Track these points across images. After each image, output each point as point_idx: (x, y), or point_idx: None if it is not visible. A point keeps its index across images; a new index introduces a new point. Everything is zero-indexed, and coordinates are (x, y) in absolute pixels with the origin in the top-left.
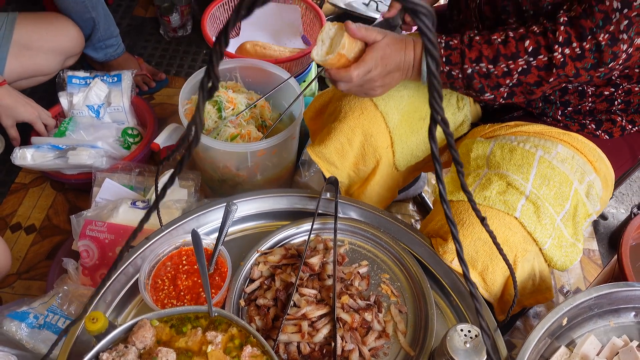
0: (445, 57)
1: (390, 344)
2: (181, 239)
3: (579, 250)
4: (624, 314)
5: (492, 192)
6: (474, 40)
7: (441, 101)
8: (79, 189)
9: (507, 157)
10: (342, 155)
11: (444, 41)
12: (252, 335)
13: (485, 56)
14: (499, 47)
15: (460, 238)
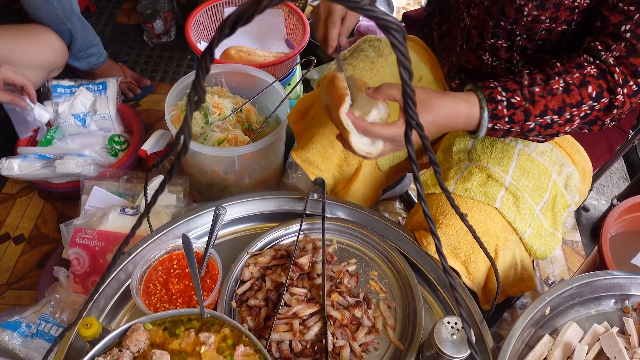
0: (508, 117)
1: (380, 339)
2: (172, 244)
3: (558, 239)
4: (605, 302)
5: (473, 184)
6: (535, 95)
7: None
8: (67, 198)
9: (487, 150)
10: (325, 158)
11: (505, 99)
12: (244, 334)
13: (551, 109)
14: (564, 97)
15: (443, 228)
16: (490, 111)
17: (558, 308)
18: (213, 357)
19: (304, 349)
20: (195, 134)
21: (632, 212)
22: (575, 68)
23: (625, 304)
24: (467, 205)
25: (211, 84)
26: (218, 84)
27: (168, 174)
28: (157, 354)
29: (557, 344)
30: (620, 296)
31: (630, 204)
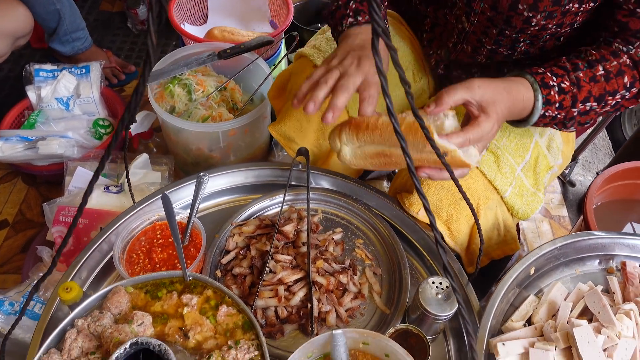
0: (558, 102)
1: (366, 305)
2: (154, 215)
3: (539, 199)
4: (589, 262)
5: None
6: (580, 80)
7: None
8: (51, 182)
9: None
10: (301, 131)
11: (556, 84)
12: (227, 295)
13: (593, 95)
14: (605, 85)
15: (424, 188)
16: (544, 97)
17: (542, 269)
18: (196, 318)
19: (289, 315)
20: (179, 112)
21: (615, 180)
22: (611, 56)
23: (609, 264)
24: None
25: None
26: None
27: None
28: (139, 315)
29: (542, 302)
30: (604, 256)
31: (612, 172)
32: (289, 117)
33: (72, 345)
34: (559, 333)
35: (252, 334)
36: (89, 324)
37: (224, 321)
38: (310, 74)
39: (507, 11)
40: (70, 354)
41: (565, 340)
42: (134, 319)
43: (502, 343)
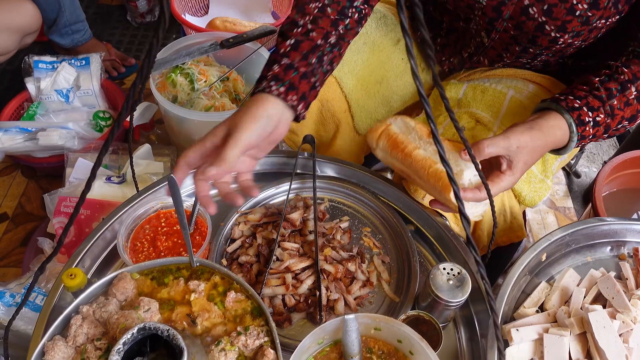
0: (592, 134)
1: (374, 293)
2: (159, 203)
3: (547, 186)
4: (600, 249)
5: None
6: (615, 108)
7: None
8: (51, 175)
9: (478, 97)
10: (301, 123)
11: (592, 119)
12: (235, 281)
13: (626, 118)
14: (637, 106)
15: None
16: (579, 134)
17: (554, 255)
18: (203, 304)
19: (297, 303)
20: (182, 101)
21: (622, 169)
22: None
23: (621, 251)
24: (454, 148)
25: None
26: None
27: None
28: (145, 301)
29: (555, 289)
30: (616, 243)
31: (620, 161)
32: None
33: (78, 332)
34: (573, 318)
35: (262, 320)
36: (95, 310)
37: (232, 307)
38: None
39: (532, 32)
40: (76, 340)
41: (580, 326)
42: (140, 305)
43: (515, 329)
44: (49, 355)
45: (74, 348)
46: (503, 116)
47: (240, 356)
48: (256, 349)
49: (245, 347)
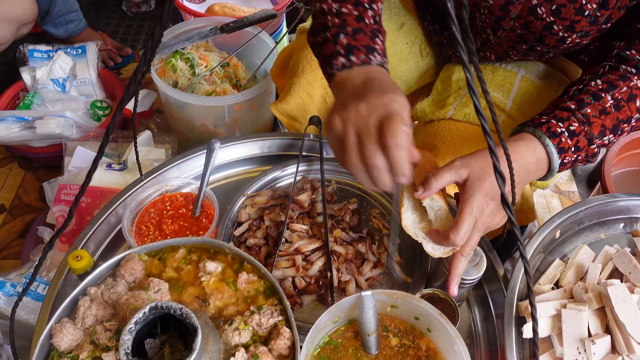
0: (573, 146)
1: (386, 274)
2: (164, 186)
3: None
4: (613, 226)
5: (472, 109)
6: (589, 117)
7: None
8: (49, 165)
9: (488, 77)
10: (304, 110)
11: (565, 129)
12: (246, 260)
13: (608, 128)
14: (617, 114)
15: (442, 154)
16: (556, 146)
17: (567, 233)
18: (215, 285)
19: (307, 285)
20: (182, 87)
21: (629, 149)
22: (620, 80)
23: (634, 227)
24: (466, 130)
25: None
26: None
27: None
28: (155, 282)
29: (569, 265)
30: (629, 219)
31: (628, 140)
32: (290, 95)
33: (86, 313)
34: (591, 293)
35: (275, 300)
36: (103, 292)
37: (244, 288)
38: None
39: (540, 31)
40: (84, 322)
41: (598, 301)
42: (150, 285)
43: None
44: (57, 338)
45: (83, 330)
46: (515, 96)
47: (254, 335)
48: (270, 327)
49: (259, 326)
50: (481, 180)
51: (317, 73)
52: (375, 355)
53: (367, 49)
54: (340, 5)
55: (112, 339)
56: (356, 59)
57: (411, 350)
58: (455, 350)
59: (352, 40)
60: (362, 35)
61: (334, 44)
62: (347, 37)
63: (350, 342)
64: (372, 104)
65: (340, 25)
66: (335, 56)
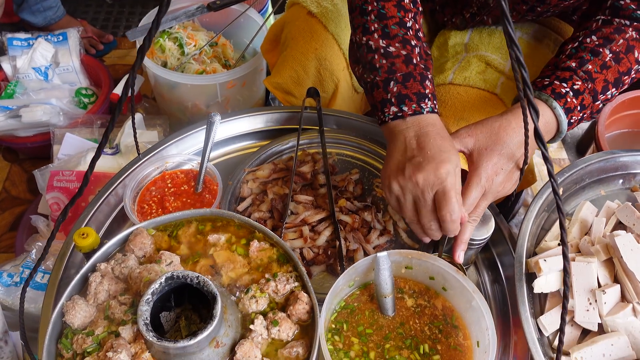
0: (579, 105)
1: (393, 241)
2: (163, 163)
3: None
4: (613, 182)
5: (471, 72)
6: (592, 73)
7: None
8: (36, 157)
9: (485, 40)
10: (298, 83)
11: (569, 88)
12: (257, 229)
13: (610, 82)
14: (617, 67)
15: (444, 119)
16: (562, 107)
17: (568, 191)
18: (227, 256)
19: (316, 255)
20: (172, 67)
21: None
22: (616, 34)
23: (632, 183)
24: (467, 93)
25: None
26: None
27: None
28: (167, 255)
29: (574, 221)
30: (626, 175)
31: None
32: (284, 68)
33: (98, 289)
34: (598, 245)
35: (289, 267)
36: (113, 267)
37: (257, 257)
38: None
39: None
40: (97, 297)
41: (605, 252)
42: (162, 258)
43: (543, 259)
44: (70, 315)
45: (95, 306)
46: None
47: (271, 302)
48: (287, 294)
49: (275, 293)
50: (489, 150)
51: (311, 44)
52: (392, 316)
53: (418, 97)
54: (387, 43)
55: (128, 313)
56: (408, 109)
57: (427, 309)
58: (473, 306)
59: (403, 89)
60: (412, 81)
61: (385, 92)
62: (397, 84)
63: (366, 305)
64: (428, 179)
65: (389, 70)
66: (387, 105)
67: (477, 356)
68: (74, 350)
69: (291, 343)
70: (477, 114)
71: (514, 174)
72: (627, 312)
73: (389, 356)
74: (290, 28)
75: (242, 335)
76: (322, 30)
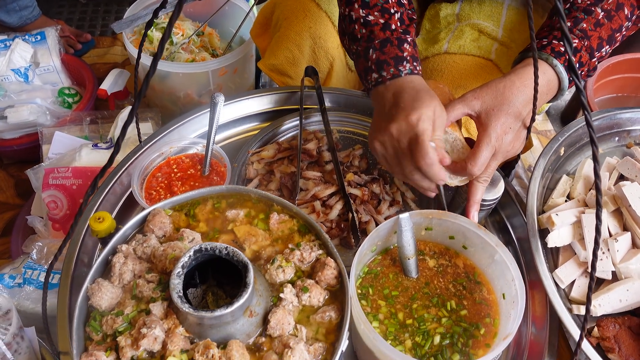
0: (577, 62)
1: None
2: (168, 148)
3: None
4: (609, 140)
5: (465, 40)
6: (587, 31)
7: None
8: (22, 161)
9: (476, 9)
10: (294, 64)
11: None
12: (275, 202)
13: (604, 39)
14: (610, 25)
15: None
16: (563, 65)
17: (569, 151)
18: (247, 230)
19: (329, 229)
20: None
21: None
22: None
23: (627, 140)
24: (463, 61)
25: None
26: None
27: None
28: (188, 232)
29: (577, 179)
30: (621, 133)
31: (605, 67)
32: (279, 49)
33: (123, 269)
34: (606, 197)
35: (312, 236)
36: (135, 248)
37: (278, 229)
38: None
39: None
40: (122, 278)
41: (613, 203)
42: (183, 236)
43: (555, 214)
44: (96, 298)
45: (121, 287)
46: (504, 24)
47: (297, 271)
48: (313, 262)
49: (301, 261)
50: (496, 110)
51: (305, 23)
52: (416, 278)
53: (396, 61)
54: (367, 12)
55: (156, 290)
56: (387, 74)
57: (449, 268)
58: (496, 260)
59: (381, 55)
60: (389, 46)
61: (366, 60)
62: (375, 51)
63: (389, 268)
64: (401, 128)
65: (367, 38)
66: (369, 73)
67: (504, 308)
68: (104, 331)
69: (323, 308)
70: (475, 81)
71: (521, 133)
72: (639, 257)
73: (417, 315)
74: (282, 8)
75: (273, 304)
76: (315, 8)
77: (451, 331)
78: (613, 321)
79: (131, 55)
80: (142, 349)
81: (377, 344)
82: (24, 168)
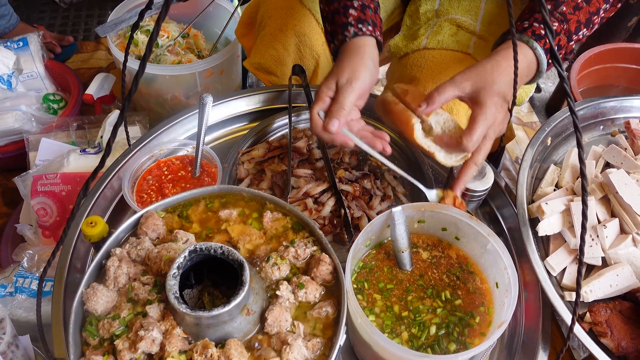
0: (556, 45)
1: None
2: (157, 152)
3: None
4: (594, 130)
5: (444, 35)
6: (566, 14)
7: None
8: (7, 169)
9: (455, 4)
10: (279, 62)
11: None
12: (267, 201)
13: (582, 22)
14: (588, 8)
15: (422, 83)
16: (542, 48)
17: (556, 140)
18: (241, 229)
19: (322, 226)
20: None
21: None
22: None
23: (612, 128)
24: (441, 56)
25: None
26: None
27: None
28: (182, 234)
29: (565, 167)
30: (606, 122)
31: (587, 57)
32: (264, 47)
33: (117, 273)
34: (593, 184)
35: (305, 233)
36: (129, 251)
37: (272, 227)
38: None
39: None
40: (117, 281)
41: (600, 190)
42: (177, 237)
43: (545, 202)
44: (92, 302)
45: (116, 291)
46: (483, 17)
47: (293, 268)
48: (308, 258)
49: (296, 258)
50: (487, 89)
51: (289, 21)
52: (410, 271)
53: (342, 27)
54: None
55: (152, 292)
56: (337, 42)
57: (443, 259)
58: (488, 249)
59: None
60: (337, 16)
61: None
62: (327, 23)
63: (384, 262)
64: None
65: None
66: (330, 44)
67: (497, 296)
68: (101, 335)
69: (319, 304)
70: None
71: (507, 114)
72: (627, 243)
73: (413, 307)
74: (267, 7)
75: (269, 302)
76: (299, 6)
77: (447, 321)
78: (604, 306)
79: (116, 59)
80: (140, 351)
81: (374, 337)
82: (10, 176)
